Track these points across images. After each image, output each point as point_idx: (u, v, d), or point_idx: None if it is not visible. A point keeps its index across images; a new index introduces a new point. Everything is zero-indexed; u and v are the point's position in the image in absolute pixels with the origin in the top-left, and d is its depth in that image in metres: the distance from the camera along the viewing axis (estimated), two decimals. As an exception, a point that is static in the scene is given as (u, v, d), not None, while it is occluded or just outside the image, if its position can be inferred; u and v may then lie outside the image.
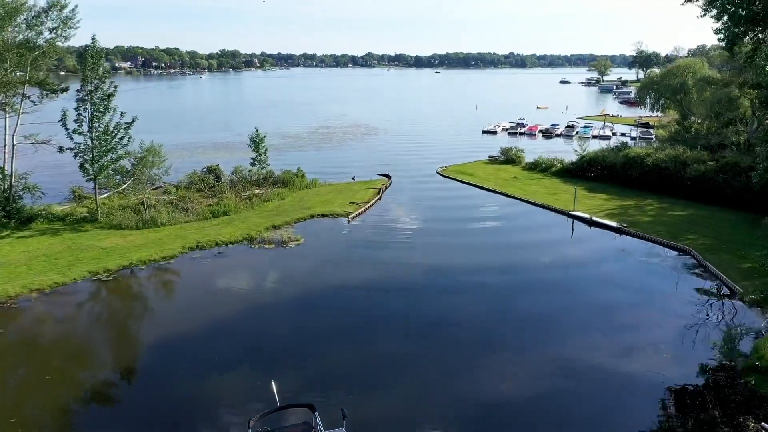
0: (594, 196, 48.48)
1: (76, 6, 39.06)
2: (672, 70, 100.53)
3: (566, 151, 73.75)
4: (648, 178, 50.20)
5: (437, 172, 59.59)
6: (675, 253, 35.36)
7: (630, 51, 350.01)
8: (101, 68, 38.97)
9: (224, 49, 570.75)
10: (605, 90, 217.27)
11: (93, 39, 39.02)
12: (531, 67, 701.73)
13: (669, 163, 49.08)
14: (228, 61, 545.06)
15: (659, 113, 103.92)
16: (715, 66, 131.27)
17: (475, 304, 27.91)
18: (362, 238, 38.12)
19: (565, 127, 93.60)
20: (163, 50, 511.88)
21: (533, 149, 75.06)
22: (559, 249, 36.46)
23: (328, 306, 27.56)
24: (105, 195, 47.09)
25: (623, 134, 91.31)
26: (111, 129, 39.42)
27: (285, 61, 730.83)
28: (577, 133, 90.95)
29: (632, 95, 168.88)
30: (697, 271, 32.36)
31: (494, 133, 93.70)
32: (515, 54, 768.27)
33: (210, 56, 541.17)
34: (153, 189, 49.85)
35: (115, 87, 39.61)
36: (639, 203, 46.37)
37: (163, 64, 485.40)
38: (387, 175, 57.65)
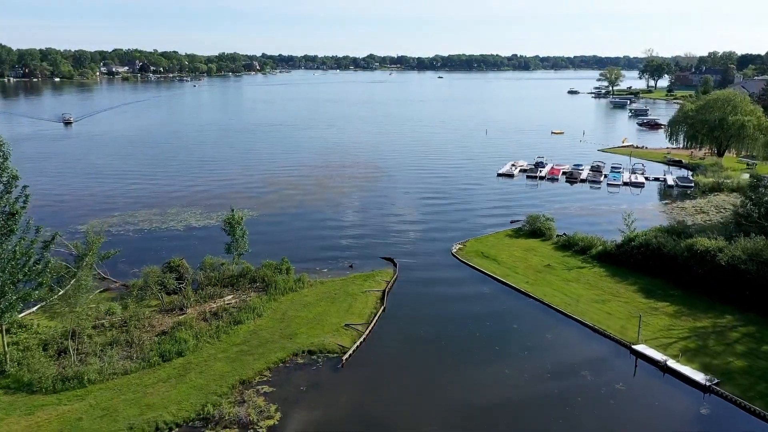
0: (656, 308, 38.16)
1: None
2: (708, 103, 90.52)
3: (597, 208, 64.02)
4: (720, 278, 39.88)
5: (453, 254, 49.16)
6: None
7: (635, 53, 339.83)
8: (6, 172, 28.69)
9: (223, 53, 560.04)
10: (618, 105, 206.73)
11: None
12: (534, 70, 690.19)
13: (749, 264, 38.73)
14: (227, 65, 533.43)
15: (695, 147, 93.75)
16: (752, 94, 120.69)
17: None
18: (362, 421, 27.73)
19: (591, 170, 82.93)
20: (162, 54, 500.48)
21: (560, 205, 65.29)
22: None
23: None
24: (34, 309, 37.20)
25: (656, 179, 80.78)
26: (21, 253, 29.14)
27: (286, 62, 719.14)
28: (605, 176, 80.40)
29: (650, 116, 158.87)
30: None
31: (511, 176, 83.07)
32: (518, 56, 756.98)
33: (209, 60, 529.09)
34: (100, 292, 39.95)
35: (27, 197, 29.30)
36: (717, 323, 36.06)
37: (161, 69, 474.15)
38: (392, 261, 47.41)
